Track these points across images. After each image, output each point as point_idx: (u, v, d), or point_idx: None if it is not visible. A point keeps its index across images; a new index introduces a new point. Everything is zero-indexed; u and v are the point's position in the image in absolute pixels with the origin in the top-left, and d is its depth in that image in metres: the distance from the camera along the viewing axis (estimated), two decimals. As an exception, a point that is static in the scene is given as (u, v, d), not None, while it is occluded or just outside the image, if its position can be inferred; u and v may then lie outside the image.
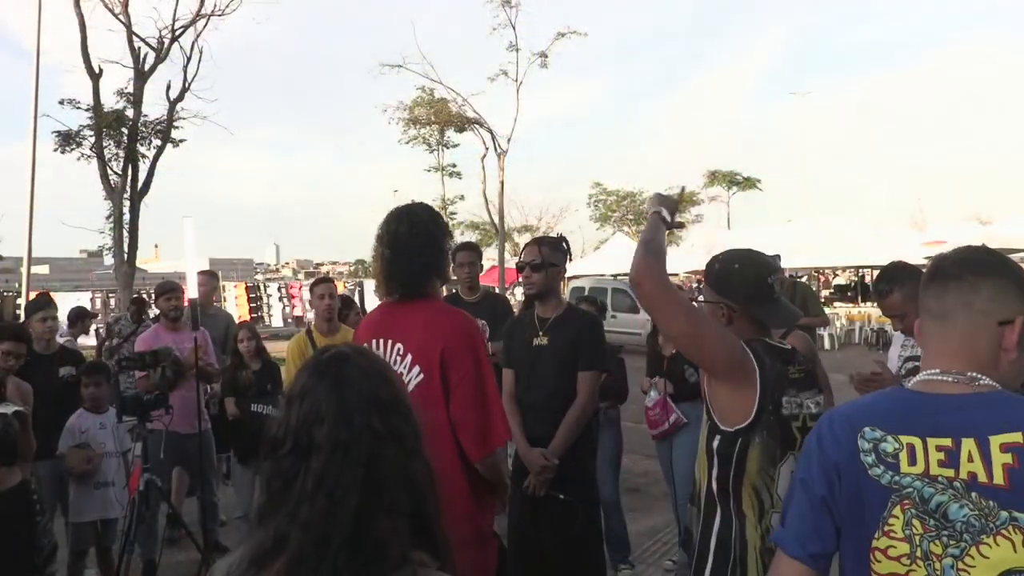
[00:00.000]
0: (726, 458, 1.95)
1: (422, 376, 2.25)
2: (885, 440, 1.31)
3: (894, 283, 3.01)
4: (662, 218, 2.06)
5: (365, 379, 1.24)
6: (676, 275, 26.09)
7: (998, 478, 1.23)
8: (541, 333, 3.38)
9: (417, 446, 1.22)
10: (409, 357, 2.30)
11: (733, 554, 1.93)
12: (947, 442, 1.27)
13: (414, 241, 2.37)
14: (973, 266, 1.35)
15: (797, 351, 2.09)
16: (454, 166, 27.55)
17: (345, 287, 21.00)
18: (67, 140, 9.73)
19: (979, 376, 1.31)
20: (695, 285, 19.28)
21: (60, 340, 5.48)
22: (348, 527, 1.13)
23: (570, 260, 3.51)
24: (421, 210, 2.49)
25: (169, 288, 5.19)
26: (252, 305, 23.45)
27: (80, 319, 8.36)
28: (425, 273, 2.40)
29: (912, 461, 1.28)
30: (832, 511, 1.35)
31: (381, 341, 2.37)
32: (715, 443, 1.97)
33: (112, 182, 9.74)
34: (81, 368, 4.53)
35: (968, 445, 1.25)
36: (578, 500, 3.22)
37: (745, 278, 2.07)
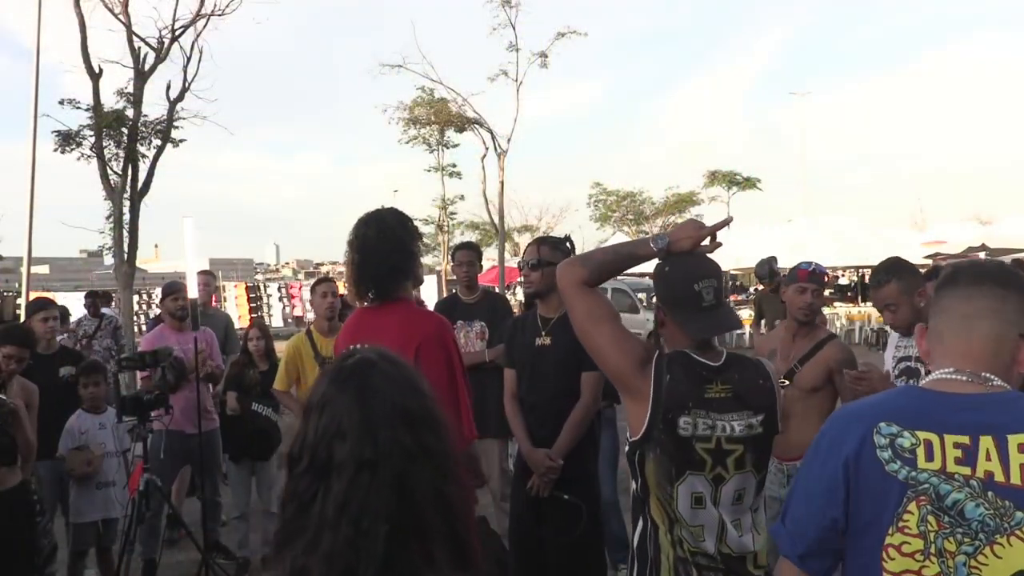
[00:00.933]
0: (633, 466, 1.95)
1: None
2: (902, 435, 1.29)
3: (892, 274, 3.04)
4: (651, 244, 1.99)
5: (394, 388, 1.11)
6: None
7: (1015, 478, 1.22)
8: (544, 333, 3.37)
9: (452, 467, 1.10)
10: None
11: (649, 557, 1.93)
12: (964, 439, 1.26)
13: (383, 245, 2.44)
14: (1001, 277, 1.36)
15: (729, 369, 1.94)
16: (454, 166, 27.55)
17: (345, 287, 20.99)
18: (67, 140, 9.70)
19: (992, 377, 1.31)
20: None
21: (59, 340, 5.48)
22: (378, 560, 0.99)
23: None
24: (389, 215, 2.55)
25: (176, 289, 5.19)
26: (252, 305, 23.45)
27: (66, 319, 8.35)
28: (393, 276, 2.47)
29: (929, 457, 1.26)
30: (837, 524, 1.32)
31: (359, 346, 2.44)
32: (626, 449, 1.98)
33: (112, 182, 9.71)
34: (79, 368, 4.53)
35: (986, 443, 1.24)
36: (581, 501, 3.22)
37: (669, 282, 1.99)
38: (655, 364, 1.90)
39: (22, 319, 9.50)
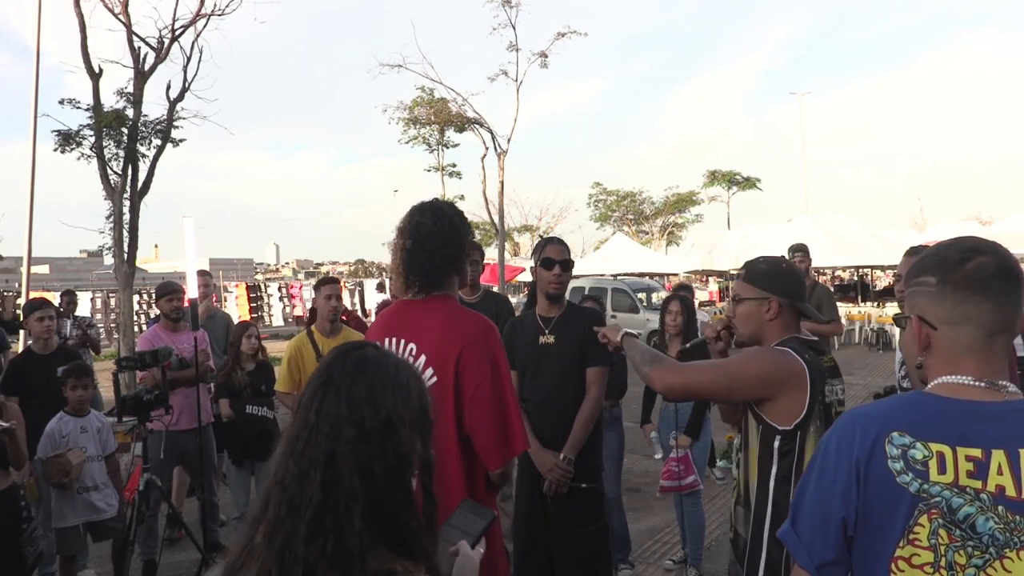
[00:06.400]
0: (788, 453, 2.12)
1: (435, 379, 2.14)
2: (914, 447, 1.27)
3: None
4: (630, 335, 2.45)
5: (350, 374, 1.26)
6: (676, 274, 26.07)
7: None
8: (547, 332, 3.40)
9: (387, 452, 1.21)
10: (423, 358, 2.18)
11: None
12: (977, 452, 1.24)
13: (439, 233, 2.26)
14: (1018, 271, 1.32)
15: (820, 342, 2.28)
16: (454, 166, 27.53)
17: (345, 287, 20.99)
18: (67, 140, 9.66)
19: (1007, 384, 1.30)
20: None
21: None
22: (315, 504, 1.16)
23: None
24: (447, 206, 2.40)
25: (171, 289, 5.18)
26: (252, 305, 23.45)
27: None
28: (445, 267, 2.29)
29: (942, 470, 1.25)
30: (847, 526, 1.30)
31: (393, 340, 2.25)
32: (776, 443, 2.12)
33: (112, 182, 9.68)
34: (67, 369, 4.33)
35: (998, 457, 1.23)
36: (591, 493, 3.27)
37: (793, 277, 2.32)
38: (790, 349, 2.15)
39: (22, 319, 9.50)
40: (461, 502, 1.54)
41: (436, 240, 2.26)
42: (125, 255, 9.63)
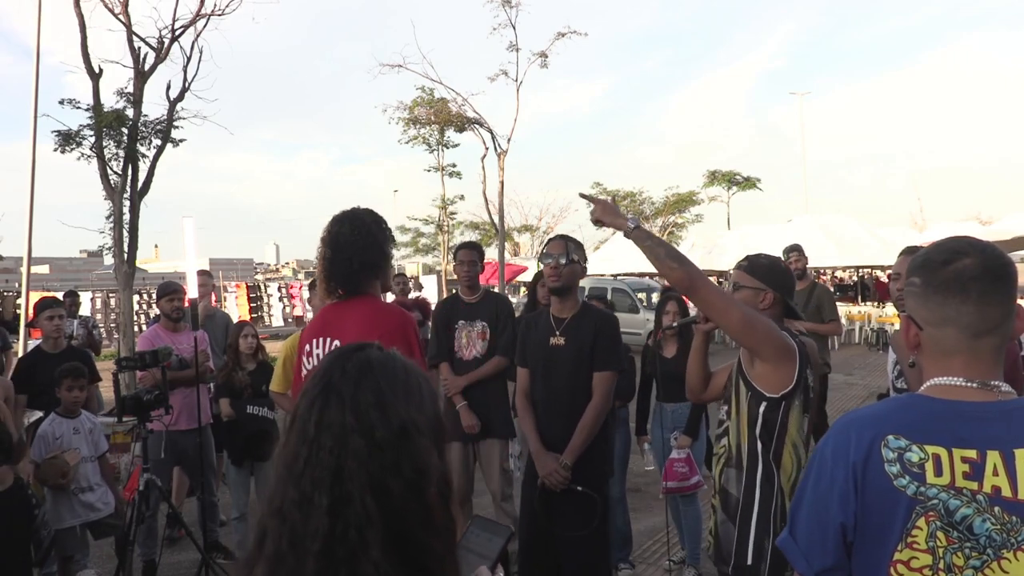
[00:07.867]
0: (772, 418, 2.32)
1: None
2: (910, 449, 1.26)
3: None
4: (639, 226, 2.39)
5: (353, 378, 1.10)
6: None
7: (1023, 493, 1.21)
8: (558, 333, 3.38)
9: (402, 463, 1.04)
10: None
11: (775, 498, 2.31)
12: (972, 454, 1.24)
13: (357, 242, 2.46)
14: (1008, 272, 1.31)
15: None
16: (454, 166, 27.52)
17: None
18: (67, 140, 9.65)
19: (1000, 384, 1.30)
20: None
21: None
22: (322, 532, 0.99)
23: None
24: (365, 214, 2.56)
25: (172, 289, 5.19)
26: (252, 305, 23.46)
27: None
28: (363, 273, 2.48)
29: (938, 472, 1.24)
30: (846, 532, 1.30)
31: (321, 340, 2.47)
32: (761, 408, 2.34)
33: (112, 182, 9.68)
34: (63, 369, 4.28)
35: (993, 458, 1.23)
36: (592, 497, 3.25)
37: (788, 276, 2.56)
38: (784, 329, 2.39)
39: (23, 319, 9.51)
40: (472, 520, 1.50)
41: (354, 248, 2.46)
42: (125, 255, 9.63)
